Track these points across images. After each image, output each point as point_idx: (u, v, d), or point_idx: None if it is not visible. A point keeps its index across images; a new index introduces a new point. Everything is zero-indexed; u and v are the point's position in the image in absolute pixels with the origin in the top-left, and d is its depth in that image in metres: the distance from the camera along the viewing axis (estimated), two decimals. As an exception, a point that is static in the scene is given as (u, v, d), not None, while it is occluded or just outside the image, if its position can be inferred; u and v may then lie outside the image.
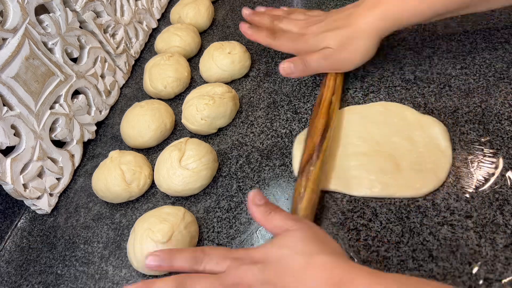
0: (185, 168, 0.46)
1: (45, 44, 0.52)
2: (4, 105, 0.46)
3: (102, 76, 0.62)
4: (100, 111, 0.62)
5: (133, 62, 0.70)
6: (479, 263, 0.34)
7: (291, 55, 0.51)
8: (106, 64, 0.62)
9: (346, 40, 0.47)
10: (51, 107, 0.53)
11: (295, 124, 0.50)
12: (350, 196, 0.41)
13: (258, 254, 0.32)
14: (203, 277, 0.33)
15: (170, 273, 0.42)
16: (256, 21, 0.55)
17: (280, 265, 0.31)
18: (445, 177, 0.40)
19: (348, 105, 0.50)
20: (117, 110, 0.64)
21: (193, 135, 0.55)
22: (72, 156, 0.57)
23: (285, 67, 0.49)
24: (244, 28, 0.53)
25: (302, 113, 0.51)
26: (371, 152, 0.44)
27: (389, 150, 0.43)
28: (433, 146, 0.42)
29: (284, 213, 0.35)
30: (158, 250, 0.36)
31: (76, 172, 0.57)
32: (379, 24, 0.45)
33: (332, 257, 0.30)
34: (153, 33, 0.75)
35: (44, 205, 0.52)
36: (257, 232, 0.42)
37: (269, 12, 0.56)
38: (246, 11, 0.55)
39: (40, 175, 0.52)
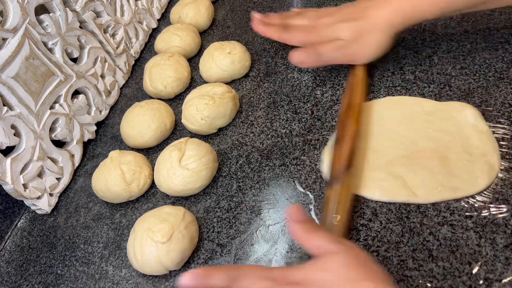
0: (185, 168, 0.46)
1: (45, 44, 0.52)
2: (4, 105, 0.46)
3: (102, 76, 0.62)
4: (100, 111, 0.62)
5: (133, 62, 0.70)
6: (479, 263, 0.34)
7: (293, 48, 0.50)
8: (106, 64, 0.62)
9: (360, 32, 0.46)
10: (51, 107, 0.53)
11: (295, 124, 0.50)
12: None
13: (297, 276, 0.31)
14: None
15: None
16: (267, 21, 0.54)
17: None
18: (499, 158, 0.38)
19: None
20: (117, 110, 0.64)
21: (193, 135, 0.55)
22: (72, 156, 0.57)
23: (298, 55, 0.48)
24: (255, 23, 0.53)
25: (302, 113, 0.51)
26: (414, 154, 0.41)
27: (430, 147, 0.41)
28: (472, 130, 0.40)
29: (325, 233, 0.33)
30: (192, 270, 0.33)
31: (76, 172, 0.57)
32: (394, 19, 0.45)
33: (377, 284, 0.29)
34: (153, 33, 0.75)
35: (44, 205, 0.52)
36: (257, 232, 0.42)
37: (280, 14, 0.55)
38: (256, 15, 0.54)
39: (40, 175, 0.52)
